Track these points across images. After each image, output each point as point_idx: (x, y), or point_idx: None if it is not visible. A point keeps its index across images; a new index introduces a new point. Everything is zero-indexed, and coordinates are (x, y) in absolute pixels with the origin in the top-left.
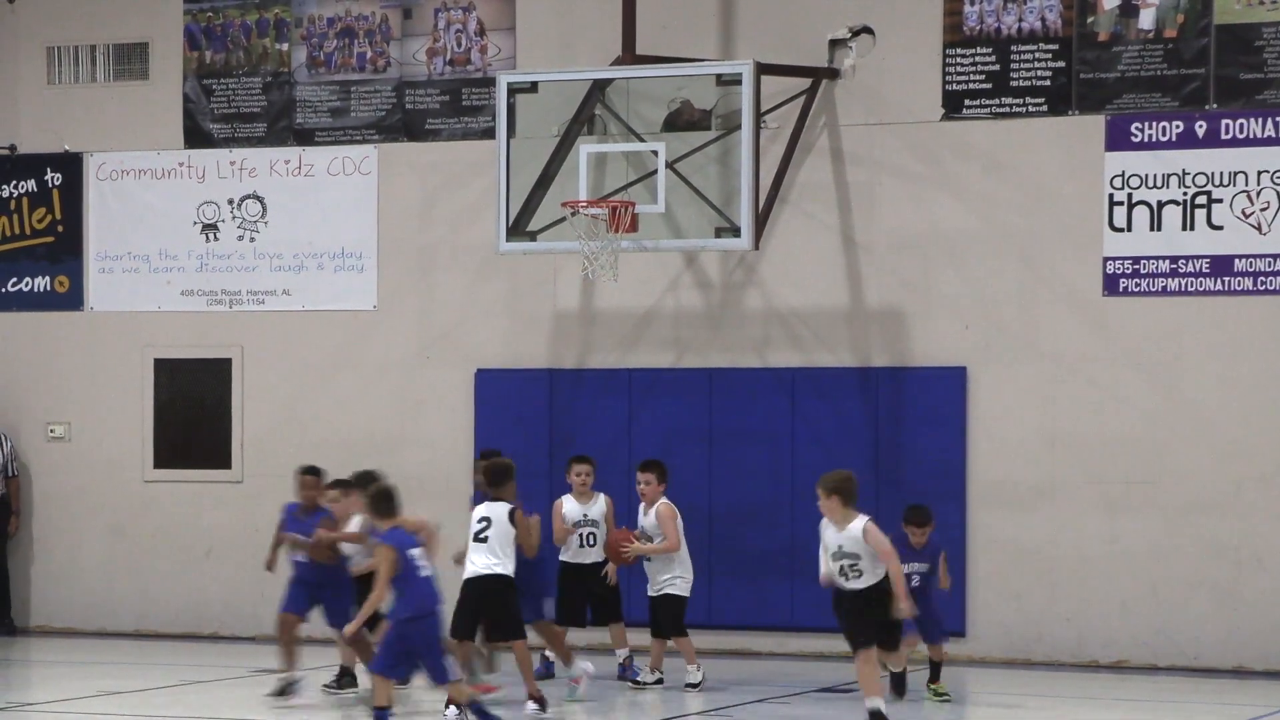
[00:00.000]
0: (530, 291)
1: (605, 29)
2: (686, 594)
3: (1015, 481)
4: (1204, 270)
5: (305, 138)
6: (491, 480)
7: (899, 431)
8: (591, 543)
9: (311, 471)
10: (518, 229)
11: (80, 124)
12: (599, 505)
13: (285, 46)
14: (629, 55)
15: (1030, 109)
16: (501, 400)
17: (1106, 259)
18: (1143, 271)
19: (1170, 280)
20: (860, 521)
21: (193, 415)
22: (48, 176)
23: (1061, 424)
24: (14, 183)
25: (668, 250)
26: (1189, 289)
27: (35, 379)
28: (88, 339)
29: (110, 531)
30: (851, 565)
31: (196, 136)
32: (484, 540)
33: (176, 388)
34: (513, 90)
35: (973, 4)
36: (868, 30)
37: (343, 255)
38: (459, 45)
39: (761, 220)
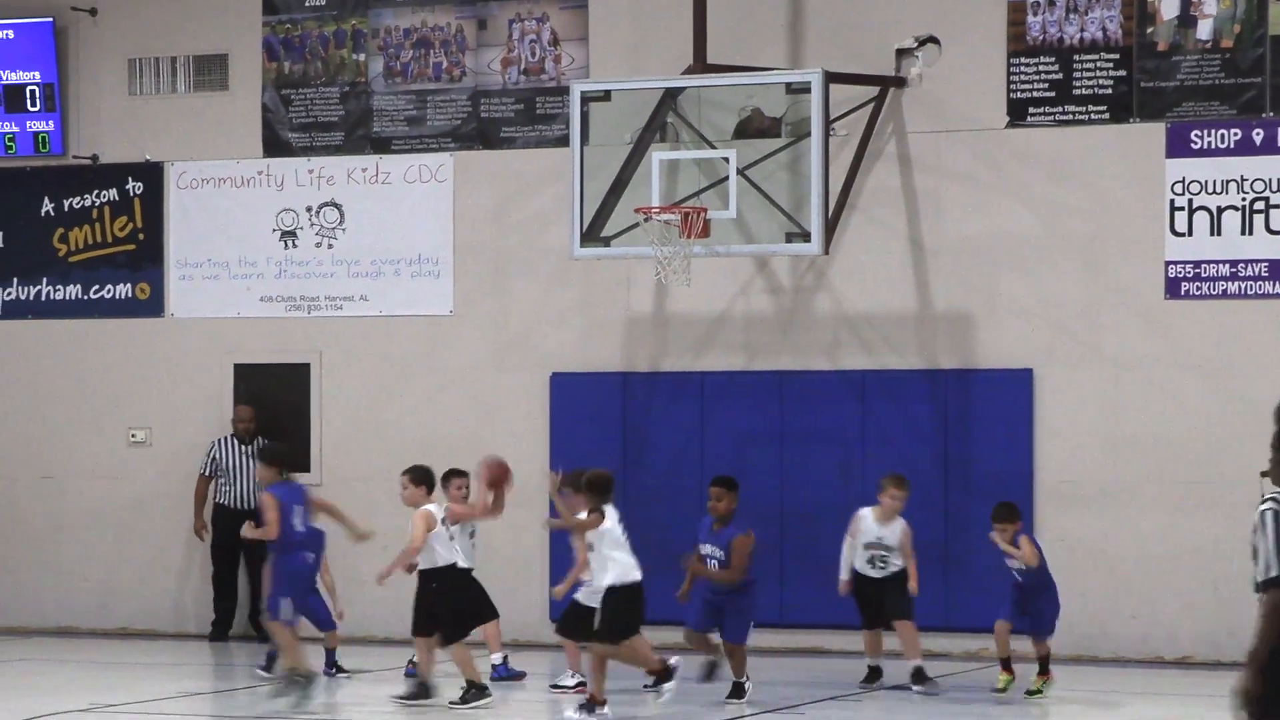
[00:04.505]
0: (604, 296)
1: (677, 39)
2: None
3: (1080, 481)
4: (1263, 274)
5: (382, 146)
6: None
7: (967, 432)
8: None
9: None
10: (592, 235)
11: (161, 134)
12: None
13: (362, 57)
14: (700, 64)
15: (1092, 117)
16: (576, 403)
17: (1168, 263)
18: (1203, 275)
19: (1230, 284)
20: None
21: (272, 420)
22: (129, 185)
23: (1124, 425)
24: (96, 192)
25: (739, 255)
26: (1248, 292)
27: (117, 384)
28: (168, 345)
29: (193, 535)
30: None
31: (275, 145)
32: None
33: (256, 393)
34: (586, 99)
35: (1035, 14)
36: (934, 40)
37: (419, 261)
38: (533, 55)
39: (831, 225)
